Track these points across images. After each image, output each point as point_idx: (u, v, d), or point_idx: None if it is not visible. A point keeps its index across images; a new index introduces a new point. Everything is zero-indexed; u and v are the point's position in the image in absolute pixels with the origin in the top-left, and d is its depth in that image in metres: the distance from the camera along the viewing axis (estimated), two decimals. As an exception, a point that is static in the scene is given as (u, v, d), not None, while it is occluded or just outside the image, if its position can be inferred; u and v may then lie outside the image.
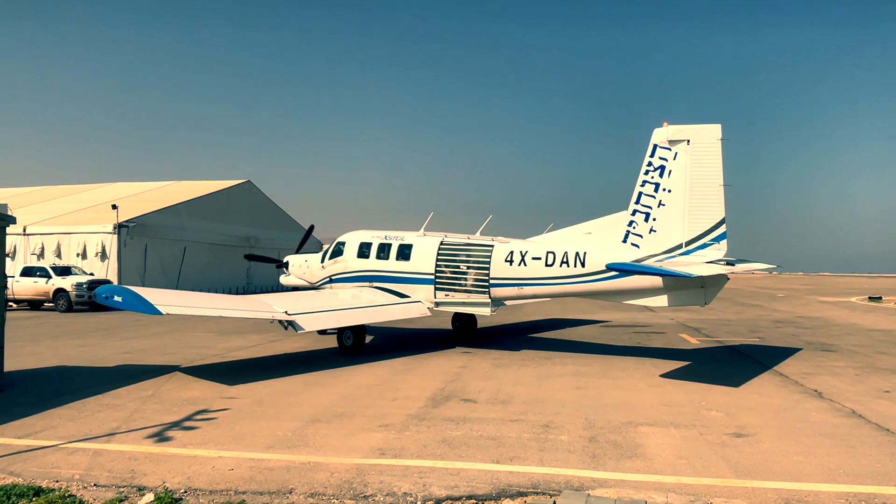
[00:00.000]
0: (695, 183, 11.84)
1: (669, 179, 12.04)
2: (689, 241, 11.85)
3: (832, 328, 20.50)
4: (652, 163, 12.23)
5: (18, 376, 11.16)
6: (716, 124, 11.86)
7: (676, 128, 12.09)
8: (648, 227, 12.23)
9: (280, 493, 5.62)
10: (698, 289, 11.71)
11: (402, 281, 15.04)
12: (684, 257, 11.82)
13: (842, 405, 9.12)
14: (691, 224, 11.84)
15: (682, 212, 11.93)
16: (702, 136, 11.89)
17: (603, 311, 27.00)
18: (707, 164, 11.79)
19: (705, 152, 11.83)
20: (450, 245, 14.83)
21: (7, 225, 10.02)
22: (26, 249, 34.30)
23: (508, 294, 14.00)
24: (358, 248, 16.02)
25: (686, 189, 11.90)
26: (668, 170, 12.07)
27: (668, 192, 12.04)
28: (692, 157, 11.90)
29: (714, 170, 11.74)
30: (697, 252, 11.73)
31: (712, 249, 11.65)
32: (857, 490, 5.69)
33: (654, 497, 5.49)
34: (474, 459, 6.54)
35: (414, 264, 14.96)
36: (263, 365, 12.63)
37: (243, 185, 48.17)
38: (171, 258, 37.67)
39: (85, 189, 47.77)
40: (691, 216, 11.84)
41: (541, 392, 9.97)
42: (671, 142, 12.07)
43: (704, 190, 11.77)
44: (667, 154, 12.08)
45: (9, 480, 5.90)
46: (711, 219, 11.70)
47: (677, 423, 8.03)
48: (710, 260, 11.56)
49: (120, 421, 8.09)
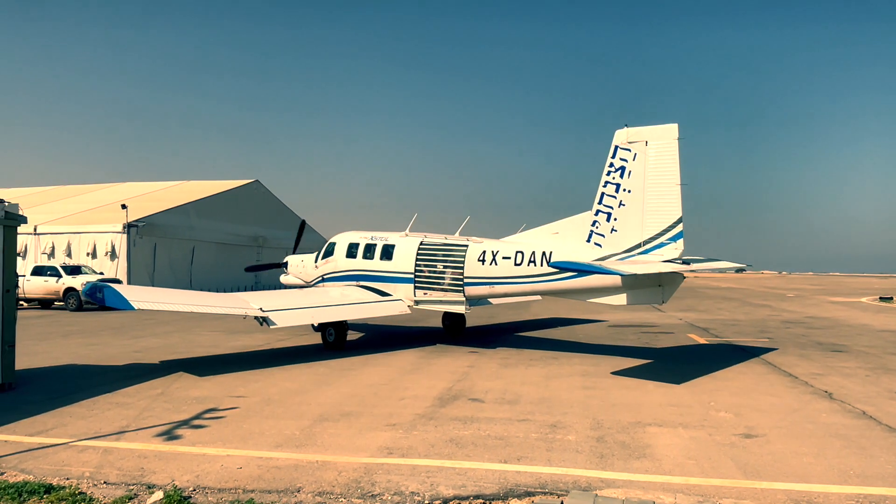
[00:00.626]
0: (653, 183, 12.04)
1: (629, 180, 12.26)
2: (647, 240, 12.05)
3: (842, 329, 20.35)
4: (613, 164, 12.48)
5: (29, 374, 11.25)
6: (672, 124, 12.04)
7: (635, 129, 12.34)
8: (610, 226, 12.47)
9: (288, 491, 5.64)
10: (656, 287, 11.92)
11: (386, 280, 15.56)
12: (642, 256, 12.01)
13: (852, 406, 9.05)
14: (650, 223, 12.03)
15: (640, 211, 12.12)
16: (659, 137, 12.10)
17: (609, 312, 26.95)
18: (664, 164, 11.98)
19: (663, 152, 12.03)
20: (428, 245, 15.29)
21: (18, 224, 10.09)
22: (37, 249, 34.59)
23: (481, 293, 14.39)
24: (347, 248, 16.62)
25: (644, 189, 12.11)
26: (627, 170, 12.30)
27: (627, 192, 12.27)
28: (650, 158, 12.11)
29: (671, 169, 11.92)
30: (655, 251, 11.92)
31: (669, 248, 11.80)
32: (868, 492, 5.65)
33: (662, 498, 5.46)
34: (482, 459, 6.53)
35: (396, 264, 15.50)
36: (271, 364, 12.68)
37: (252, 184, 48.35)
38: (180, 257, 37.87)
39: (95, 189, 48.08)
40: (649, 216, 12.03)
41: (548, 392, 9.95)
42: (630, 143, 12.31)
43: (662, 190, 11.96)
44: (627, 155, 12.33)
45: (20, 478, 5.94)
46: (669, 218, 11.88)
47: (686, 424, 8.00)
48: (666, 259, 11.73)
49: (129, 419, 8.14)
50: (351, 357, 13.58)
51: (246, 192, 47.49)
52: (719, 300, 37.16)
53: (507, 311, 25.90)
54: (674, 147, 11.94)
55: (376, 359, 13.35)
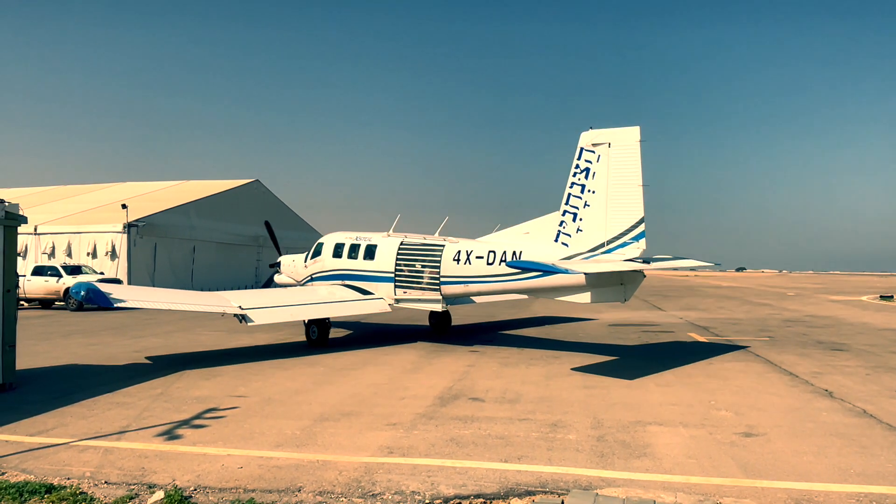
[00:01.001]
0: (616, 184, 12.30)
1: (594, 181, 12.53)
2: (610, 239, 12.31)
3: (843, 327, 20.34)
4: (579, 165, 12.75)
5: (30, 374, 11.26)
6: (634, 127, 12.31)
7: (599, 131, 12.62)
8: (576, 226, 12.75)
9: (289, 491, 5.64)
10: (618, 286, 12.22)
11: (369, 279, 15.99)
12: (606, 255, 12.27)
13: (853, 405, 9.05)
14: (613, 223, 12.30)
15: (604, 212, 12.38)
16: (621, 139, 12.37)
17: (612, 311, 26.94)
18: (627, 165, 12.24)
19: (625, 154, 12.28)
20: (408, 245, 15.68)
21: (18, 224, 10.09)
22: (37, 249, 34.58)
23: (457, 291, 14.67)
24: (333, 248, 17.10)
25: (608, 190, 12.37)
26: (592, 171, 12.57)
27: (592, 193, 12.54)
28: (613, 159, 12.37)
29: (633, 171, 12.18)
30: (618, 250, 12.18)
31: (631, 248, 12.06)
32: (869, 490, 5.65)
33: (662, 496, 5.47)
34: (482, 458, 6.54)
35: (378, 263, 15.99)
36: (272, 364, 12.68)
37: (252, 184, 48.35)
38: (180, 257, 37.87)
39: (95, 189, 48.07)
40: (613, 216, 12.30)
41: (549, 391, 9.95)
42: (594, 145, 12.57)
43: (625, 190, 12.21)
44: (591, 157, 12.60)
45: (21, 478, 5.95)
46: (631, 218, 12.13)
47: (686, 423, 8.00)
48: (627, 258, 11.95)
49: (130, 419, 8.14)
50: (351, 357, 13.58)
51: (246, 192, 47.49)
52: (720, 299, 37.16)
53: (507, 310, 25.90)
54: (636, 149, 12.21)
55: (376, 358, 13.35)
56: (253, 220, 46.32)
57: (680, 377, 11.22)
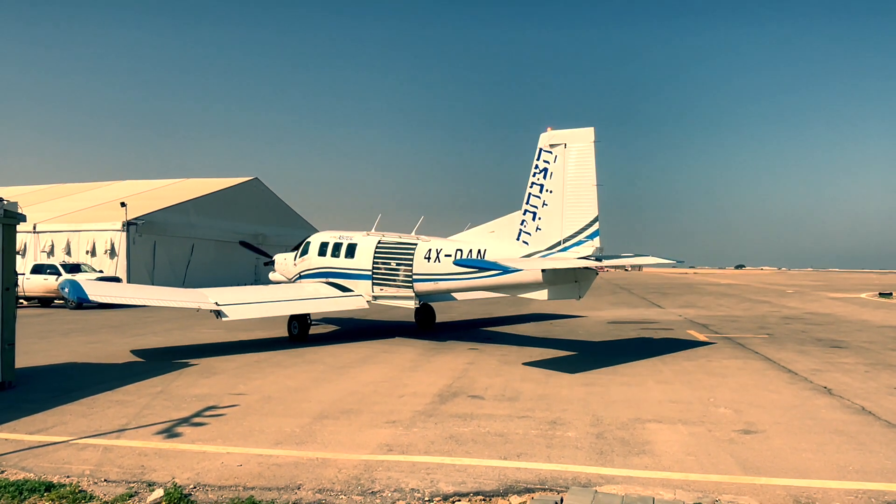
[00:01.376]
0: (572, 184, 12.60)
1: (551, 181, 12.84)
2: (566, 238, 12.62)
3: (842, 325, 20.36)
4: (538, 165, 13.05)
5: (29, 373, 11.26)
6: (589, 128, 12.62)
7: (556, 132, 12.92)
8: (535, 225, 13.07)
9: (288, 488, 5.65)
10: (573, 283, 12.61)
11: (350, 277, 16.49)
12: (562, 253, 12.58)
13: (852, 402, 9.06)
14: (569, 222, 12.60)
15: (561, 211, 12.71)
16: (577, 140, 12.67)
17: (611, 308, 26.98)
18: (582, 165, 12.55)
19: (580, 155, 12.60)
20: (384, 244, 16.18)
21: (17, 223, 10.07)
22: (36, 247, 34.57)
23: (427, 289, 15.02)
24: (319, 247, 17.66)
25: (564, 189, 12.68)
26: (549, 172, 12.88)
27: (550, 192, 12.85)
28: (569, 160, 12.68)
29: (588, 171, 12.48)
30: (573, 248, 12.49)
31: (585, 246, 12.36)
32: (867, 487, 5.66)
33: (661, 494, 5.47)
34: (482, 456, 6.54)
35: (357, 261, 16.52)
36: (271, 362, 12.69)
37: (251, 182, 48.33)
38: (179, 255, 37.86)
39: (94, 187, 48.05)
40: (569, 215, 12.60)
41: (548, 389, 9.96)
42: (552, 145, 12.87)
43: (580, 190, 12.50)
44: (549, 157, 12.91)
45: (20, 476, 5.95)
46: (586, 217, 12.43)
47: (685, 420, 8.01)
48: (581, 256, 12.24)
49: (130, 417, 8.14)
50: (350, 354, 13.59)
51: (245, 190, 47.47)
52: (719, 296, 37.18)
53: (506, 307, 25.91)
54: (590, 150, 12.50)
55: (375, 356, 13.36)
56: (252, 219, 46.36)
57: (679, 375, 11.23)
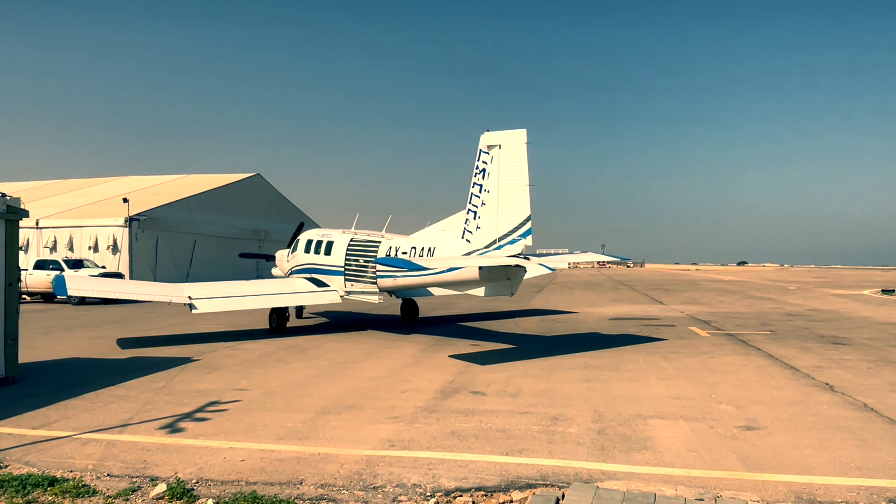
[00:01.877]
0: (506, 184, 12.97)
1: (489, 181, 13.24)
2: (501, 236, 12.98)
3: (844, 321, 20.33)
4: (478, 166, 13.46)
5: (33, 368, 11.29)
6: (521, 130, 12.93)
7: (493, 134, 13.27)
8: (476, 224, 13.51)
9: (290, 483, 5.66)
10: (505, 280, 13.05)
11: (327, 273, 17.12)
12: (496, 251, 12.95)
13: (854, 398, 9.05)
14: (504, 221, 12.95)
15: (497, 210, 13.08)
16: (510, 141, 13.00)
17: (613, 305, 26.97)
18: (515, 166, 12.89)
19: (514, 155, 12.92)
20: (355, 242, 16.85)
21: (20, 218, 10.09)
22: (39, 243, 34.63)
23: (388, 284, 15.50)
24: (306, 244, 18.37)
25: (499, 189, 13.06)
26: (488, 172, 13.29)
27: (488, 192, 13.25)
28: (504, 161, 13.04)
29: (521, 171, 12.82)
30: (506, 246, 12.85)
31: (518, 244, 12.70)
32: (869, 483, 5.66)
33: (663, 490, 5.48)
34: (483, 451, 6.55)
35: (334, 258, 17.19)
36: (273, 357, 12.71)
37: (253, 178, 48.35)
38: (181, 251, 37.91)
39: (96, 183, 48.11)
40: (503, 214, 12.96)
41: (549, 385, 9.97)
42: (489, 147, 13.26)
43: (513, 190, 12.85)
44: (487, 158, 13.32)
45: (24, 470, 5.98)
46: (519, 216, 12.76)
47: (687, 416, 8.01)
48: (512, 254, 12.60)
49: (132, 412, 8.17)
50: (352, 350, 13.61)
51: (247, 186, 47.49)
52: (721, 293, 37.15)
53: (508, 303, 25.91)
54: (523, 151, 12.82)
55: (377, 351, 13.38)
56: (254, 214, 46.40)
57: (681, 371, 11.23)
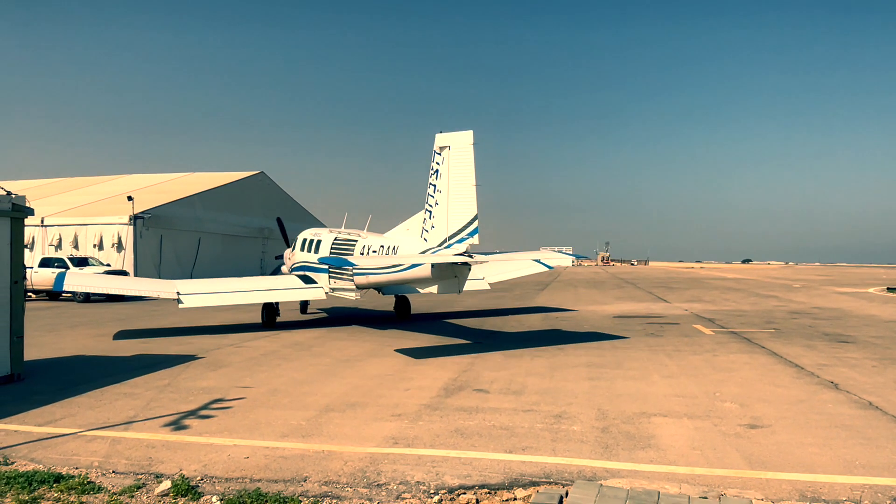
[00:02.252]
0: (455, 184, 13.36)
1: (441, 181, 13.64)
2: (451, 235, 13.35)
3: (849, 319, 20.27)
4: (433, 167, 13.87)
5: (38, 365, 11.35)
6: (468, 131, 13.26)
7: (444, 135, 13.63)
8: (431, 223, 13.94)
9: (294, 480, 5.68)
10: (453, 278, 13.56)
11: (316, 270, 17.58)
12: (446, 250, 13.35)
13: (859, 397, 9.03)
14: (453, 220, 13.36)
15: (447, 210, 13.48)
16: (458, 142, 13.34)
17: (617, 303, 26.94)
18: (463, 167, 13.24)
19: (461, 156, 13.29)
20: (338, 241, 17.63)
21: (25, 216, 10.13)
22: (44, 241, 34.77)
23: (363, 282, 15.83)
24: (301, 243, 19.09)
25: (449, 189, 13.46)
26: (440, 173, 13.67)
27: (440, 192, 13.66)
28: (452, 161, 13.41)
29: (468, 172, 13.17)
30: (454, 245, 13.25)
31: (465, 243, 13.09)
32: (874, 482, 5.64)
33: (666, 488, 5.48)
34: (487, 449, 6.56)
35: (321, 256, 17.58)
36: (277, 355, 12.74)
37: (257, 176, 48.42)
38: (185, 249, 38.00)
39: (101, 181, 48.24)
40: (453, 213, 13.37)
41: (553, 383, 9.97)
42: (441, 148, 13.64)
43: (462, 190, 13.24)
44: (440, 159, 13.72)
45: (30, 467, 6.01)
46: (467, 216, 13.16)
47: (691, 414, 8.00)
48: (457, 252, 13.03)
49: (137, 409, 8.20)
50: (355, 348, 13.64)
51: (251, 184, 47.56)
52: (725, 291, 37.06)
53: (511, 301, 25.91)
54: (469, 151, 13.16)
55: (380, 349, 13.41)
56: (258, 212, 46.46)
57: (684, 369, 11.21)
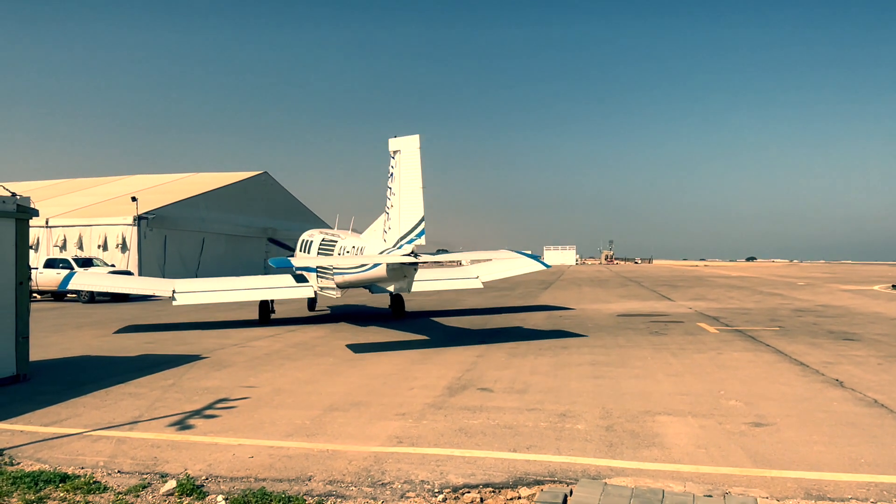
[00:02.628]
0: (405, 187, 13.82)
1: (395, 184, 14.13)
2: (402, 235, 13.83)
3: (854, 317, 20.19)
4: (389, 170, 14.43)
5: (43, 365, 11.39)
6: (415, 135, 13.74)
7: (396, 140, 14.14)
8: (388, 224, 14.40)
9: (299, 480, 5.69)
10: (403, 278, 14.23)
11: (308, 270, 18.06)
12: (396, 250, 13.81)
13: (864, 394, 8.99)
14: (404, 222, 13.80)
15: (399, 211, 13.92)
16: (407, 146, 13.81)
17: (621, 301, 26.91)
18: (411, 170, 13.68)
19: (410, 160, 13.72)
20: (324, 241, 18.26)
21: (30, 217, 10.17)
22: (49, 241, 34.90)
23: (341, 280, 16.20)
24: (300, 243, 19.93)
25: (400, 192, 13.92)
26: (394, 175, 14.17)
27: (395, 195, 14.12)
28: (403, 165, 13.89)
29: (415, 175, 13.62)
30: (405, 245, 13.70)
31: (414, 244, 13.53)
32: (879, 480, 5.62)
33: (671, 486, 5.47)
34: (491, 448, 6.56)
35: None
36: (281, 354, 12.76)
37: (260, 176, 48.50)
38: (189, 249, 38.11)
39: (105, 182, 48.39)
40: (404, 215, 13.81)
41: (557, 381, 9.96)
42: (394, 152, 14.18)
43: (410, 192, 13.69)
44: (394, 162, 14.23)
45: (35, 467, 6.03)
46: (415, 217, 13.59)
47: (695, 413, 7.98)
48: (405, 252, 13.47)
49: (142, 409, 8.23)
50: (357, 345, 13.65)
51: (255, 184, 47.64)
52: (729, 289, 36.97)
53: (514, 300, 25.89)
54: (416, 155, 13.60)
55: (384, 347, 13.41)
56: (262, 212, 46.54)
57: (689, 367, 11.19)
